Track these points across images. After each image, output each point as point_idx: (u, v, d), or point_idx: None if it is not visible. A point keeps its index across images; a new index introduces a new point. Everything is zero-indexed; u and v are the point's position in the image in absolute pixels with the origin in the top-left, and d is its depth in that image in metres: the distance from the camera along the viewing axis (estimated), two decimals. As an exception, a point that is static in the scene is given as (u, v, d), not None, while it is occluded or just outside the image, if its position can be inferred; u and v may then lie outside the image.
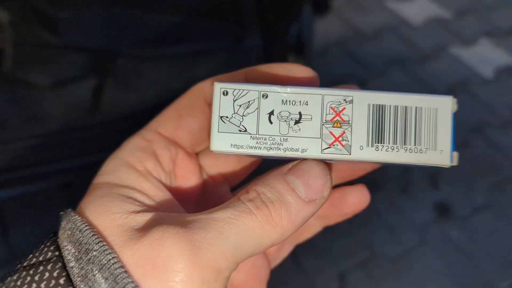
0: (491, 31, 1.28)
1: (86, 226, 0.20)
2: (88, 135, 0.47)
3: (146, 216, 0.20)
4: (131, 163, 0.23)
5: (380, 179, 0.99)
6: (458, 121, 0.23)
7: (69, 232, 0.20)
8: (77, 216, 0.20)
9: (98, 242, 0.19)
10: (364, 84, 1.11)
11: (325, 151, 0.21)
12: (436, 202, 0.92)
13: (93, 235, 0.19)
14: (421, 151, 0.22)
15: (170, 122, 0.24)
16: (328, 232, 0.35)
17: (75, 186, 0.51)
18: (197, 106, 0.24)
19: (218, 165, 0.27)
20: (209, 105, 0.24)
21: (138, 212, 0.21)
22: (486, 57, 1.22)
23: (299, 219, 0.21)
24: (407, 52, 1.21)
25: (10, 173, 0.46)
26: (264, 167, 0.27)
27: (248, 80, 0.25)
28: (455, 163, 0.22)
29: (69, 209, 0.21)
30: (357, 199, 0.27)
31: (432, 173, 0.95)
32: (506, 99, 1.12)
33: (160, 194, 0.23)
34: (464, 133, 1.00)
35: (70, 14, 0.46)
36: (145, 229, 0.20)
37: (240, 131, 0.21)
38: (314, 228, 0.28)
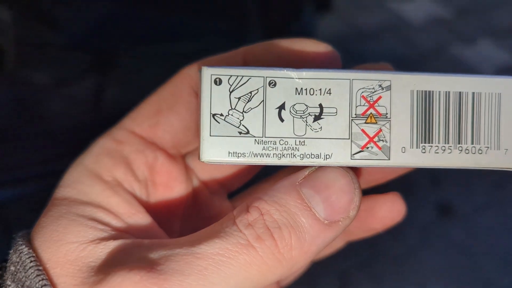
0: (492, 31, 1.28)
1: (32, 262, 0.16)
2: (90, 133, 0.47)
3: (109, 247, 0.16)
4: (96, 172, 0.19)
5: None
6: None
7: (13, 269, 0.16)
8: (24, 247, 0.16)
9: (42, 287, 0.15)
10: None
11: (356, 156, 0.16)
12: (437, 201, 0.92)
13: (37, 275, 0.15)
14: (480, 151, 0.17)
15: (146, 119, 0.19)
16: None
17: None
18: (181, 98, 0.19)
19: (213, 167, 0.21)
20: (197, 95, 0.19)
21: (101, 240, 0.17)
22: (487, 57, 1.22)
23: (314, 247, 0.16)
24: (407, 52, 1.21)
25: (12, 173, 0.46)
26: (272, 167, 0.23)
27: (247, 63, 0.19)
28: None
29: (21, 233, 0.18)
30: (389, 213, 0.21)
31: (433, 172, 0.95)
32: (507, 99, 1.12)
33: (131, 212, 0.18)
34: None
35: (72, 13, 0.46)
36: (104, 269, 0.16)
37: (240, 133, 0.16)
38: (334, 244, 0.23)
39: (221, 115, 0.16)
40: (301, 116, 0.16)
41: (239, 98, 0.16)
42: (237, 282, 0.15)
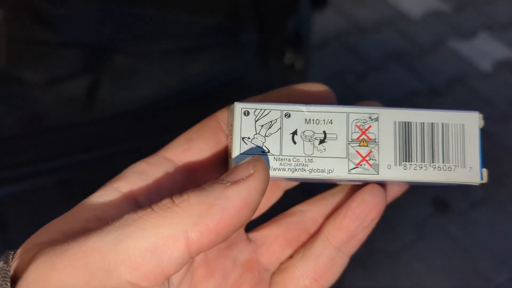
0: (490, 25, 1.28)
1: (4, 279, 0.17)
2: (83, 132, 0.47)
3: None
4: (117, 185, 0.21)
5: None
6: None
7: None
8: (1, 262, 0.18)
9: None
10: (363, 78, 1.10)
11: (352, 171, 0.21)
12: (434, 197, 0.92)
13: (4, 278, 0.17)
14: (450, 169, 0.21)
15: (179, 145, 0.22)
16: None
17: (71, 184, 0.51)
18: (209, 130, 0.23)
19: None
20: (225, 133, 0.23)
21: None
22: (485, 51, 1.21)
23: (217, 201, 0.17)
24: (405, 46, 1.20)
25: (7, 171, 0.46)
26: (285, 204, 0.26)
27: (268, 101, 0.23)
28: (485, 180, 0.21)
29: (5, 252, 0.19)
30: (373, 198, 0.22)
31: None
32: (504, 93, 1.11)
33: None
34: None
35: (65, 11, 0.46)
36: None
37: (262, 152, 0.21)
38: (338, 264, 0.24)
39: (248, 138, 0.21)
40: (309, 140, 0.21)
41: (262, 126, 0.21)
42: (133, 230, 0.17)
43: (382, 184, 0.23)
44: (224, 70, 0.52)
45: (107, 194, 0.20)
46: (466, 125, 0.21)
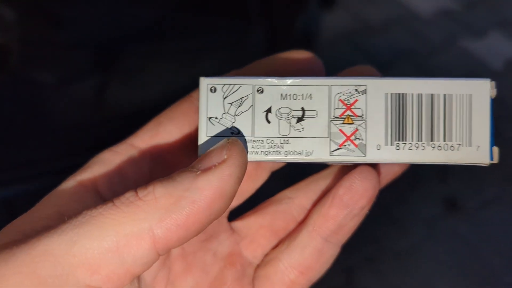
0: (502, 23, 1.27)
1: None
2: (93, 132, 0.47)
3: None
4: (80, 177, 0.20)
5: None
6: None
7: None
8: None
9: None
10: (372, 78, 1.10)
11: (335, 153, 0.18)
12: (444, 196, 0.91)
13: None
14: (452, 148, 0.18)
15: (148, 131, 0.21)
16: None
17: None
18: (180, 112, 0.21)
19: None
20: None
21: None
22: (497, 50, 1.20)
23: (189, 192, 0.16)
24: (415, 45, 1.19)
25: (19, 170, 0.46)
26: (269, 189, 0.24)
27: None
28: (495, 160, 0.18)
29: None
30: (362, 183, 0.20)
31: (440, 166, 0.94)
32: (516, 92, 1.11)
33: None
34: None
35: (76, 12, 0.46)
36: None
37: (232, 133, 0.19)
38: (326, 255, 0.23)
39: (216, 118, 0.19)
40: (285, 118, 0.19)
41: (231, 104, 0.19)
42: (90, 229, 0.15)
43: (375, 165, 0.21)
44: (232, 70, 0.52)
45: (69, 188, 0.19)
46: (475, 95, 0.18)
